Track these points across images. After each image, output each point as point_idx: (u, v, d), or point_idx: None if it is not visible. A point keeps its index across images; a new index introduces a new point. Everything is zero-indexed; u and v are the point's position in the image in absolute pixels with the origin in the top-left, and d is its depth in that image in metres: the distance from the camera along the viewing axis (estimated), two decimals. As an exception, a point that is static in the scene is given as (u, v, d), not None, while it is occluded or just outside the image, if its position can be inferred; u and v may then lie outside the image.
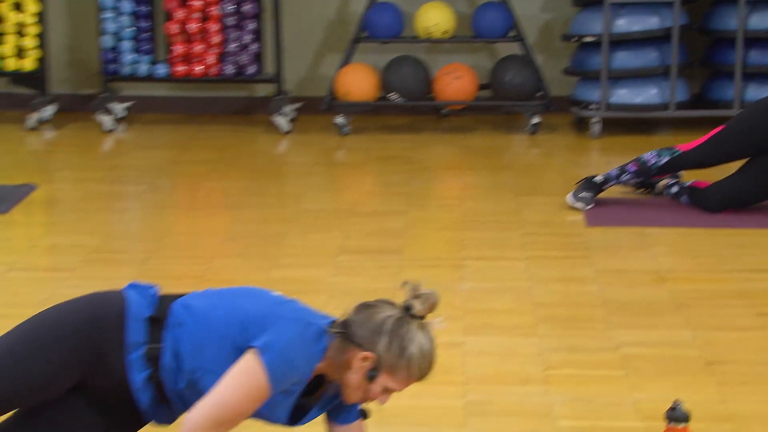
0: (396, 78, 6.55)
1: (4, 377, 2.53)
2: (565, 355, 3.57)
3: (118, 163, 6.10)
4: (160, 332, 2.54)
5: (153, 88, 6.98)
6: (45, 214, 5.15)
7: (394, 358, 2.47)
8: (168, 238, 4.80)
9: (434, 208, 5.33)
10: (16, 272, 4.25)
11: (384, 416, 3.06)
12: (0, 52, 6.52)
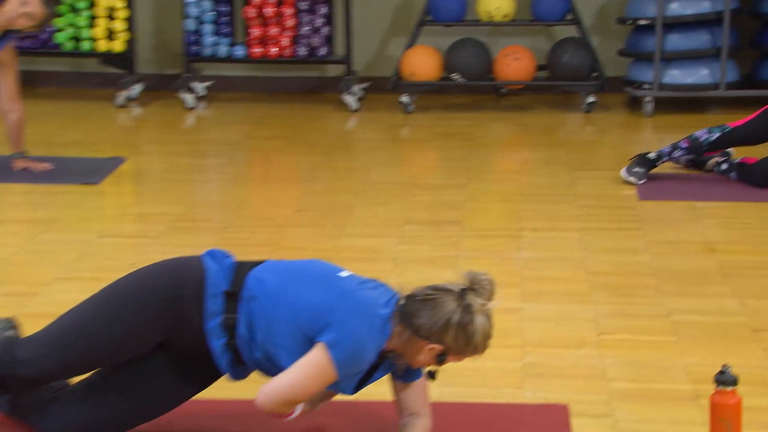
0: (458, 59, 6.52)
1: (95, 339, 2.56)
2: (618, 321, 3.53)
3: (199, 137, 6.14)
4: (236, 304, 2.56)
5: (231, 68, 7.01)
6: (133, 184, 5.20)
7: (462, 346, 2.50)
8: (245, 208, 4.82)
9: (493, 182, 5.30)
10: (106, 239, 4.30)
11: (446, 377, 3.05)
12: (92, 34, 6.58)
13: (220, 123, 6.42)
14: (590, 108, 6.50)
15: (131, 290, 2.60)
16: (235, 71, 7.07)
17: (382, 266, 3.97)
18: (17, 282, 3.78)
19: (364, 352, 2.49)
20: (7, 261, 3.98)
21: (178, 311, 2.56)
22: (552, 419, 2.85)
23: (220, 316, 2.55)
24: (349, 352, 2.47)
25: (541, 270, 3.97)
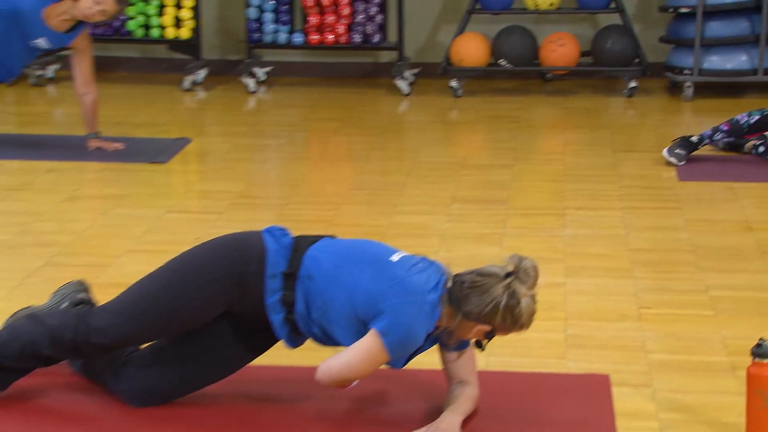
0: (505, 46, 6.47)
1: (163, 310, 2.58)
2: (657, 295, 3.48)
3: (259, 119, 6.15)
4: (293, 282, 2.57)
5: (290, 54, 7.02)
6: (198, 163, 5.22)
7: (509, 326, 2.51)
8: (302, 186, 4.82)
9: (538, 162, 5.25)
10: (173, 214, 4.32)
11: (492, 347, 3.02)
12: (161, 22, 6.61)
13: (279, 106, 6.43)
14: (632, 92, 6.44)
15: (197, 265, 2.61)
16: (294, 57, 7.07)
17: (431, 242, 3.95)
18: (91, 254, 3.81)
19: (415, 337, 2.50)
20: (82, 234, 4.01)
21: (241, 287, 2.58)
22: (593, 388, 2.82)
23: (279, 293, 2.56)
24: (400, 337, 2.48)
25: (584, 246, 3.93)
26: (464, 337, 2.55)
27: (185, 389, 2.66)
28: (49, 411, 2.66)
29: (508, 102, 6.41)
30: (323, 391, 2.67)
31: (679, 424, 2.65)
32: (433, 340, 2.60)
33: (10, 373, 2.66)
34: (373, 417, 2.65)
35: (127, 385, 2.66)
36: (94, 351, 2.62)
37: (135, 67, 7.09)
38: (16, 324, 2.67)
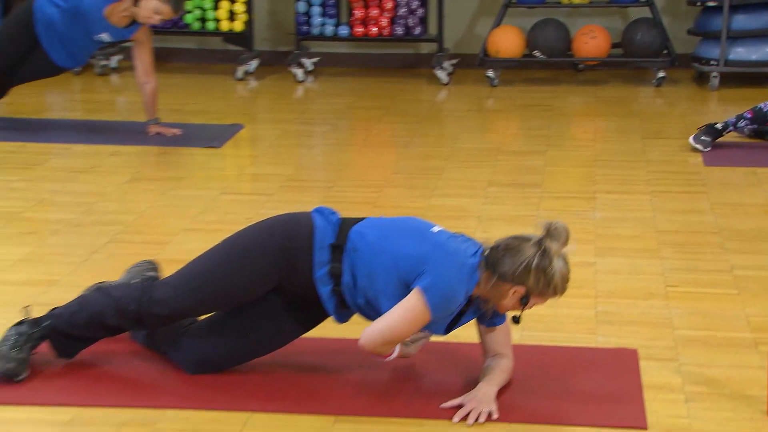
0: (540, 38, 6.42)
1: (219, 284, 2.61)
2: (684, 275, 3.45)
3: (307, 107, 6.16)
4: (341, 255, 2.57)
5: (336, 46, 7.01)
6: (249, 148, 5.24)
7: (543, 288, 2.49)
8: (347, 170, 4.83)
9: (570, 149, 5.21)
10: (227, 195, 4.34)
11: (526, 323, 3.01)
12: (216, 15, 6.63)
13: (325, 94, 6.43)
14: (660, 82, 6.37)
15: (251, 242, 2.63)
16: (340, 48, 7.06)
17: (469, 223, 3.94)
18: (151, 232, 3.84)
19: (456, 296, 2.49)
20: (143, 214, 4.05)
21: (291, 261, 2.58)
22: (622, 362, 2.81)
23: (326, 266, 2.57)
24: (442, 294, 2.47)
25: (614, 228, 3.90)
26: (501, 302, 2.52)
27: (236, 360, 2.68)
28: (112, 377, 2.69)
29: (541, 91, 6.36)
30: (367, 362, 2.68)
31: (704, 397, 2.63)
32: (474, 311, 2.59)
33: (78, 341, 2.70)
34: (413, 387, 2.66)
35: (183, 354, 2.69)
36: (155, 321, 2.64)
37: (192, 58, 7.13)
38: (86, 296, 2.71)
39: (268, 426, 2.47)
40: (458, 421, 2.48)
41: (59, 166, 4.71)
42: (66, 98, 6.20)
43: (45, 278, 3.34)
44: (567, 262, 2.51)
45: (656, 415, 2.54)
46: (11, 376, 2.61)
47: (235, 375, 2.67)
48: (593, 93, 6.35)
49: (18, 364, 2.61)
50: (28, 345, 2.64)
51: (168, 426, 2.46)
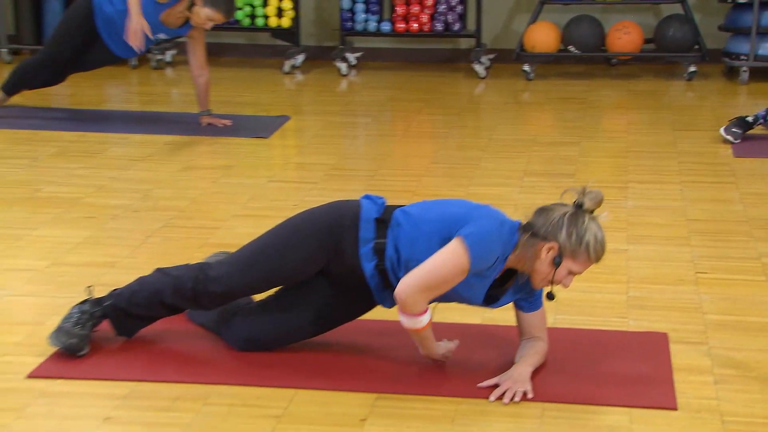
0: (574, 33, 6.36)
1: (270, 262, 2.62)
2: (713, 262, 3.41)
3: (350, 100, 6.16)
4: (385, 230, 2.56)
5: (378, 41, 7.00)
6: (295, 138, 5.25)
7: (575, 245, 2.44)
8: (388, 159, 4.82)
9: (603, 140, 5.16)
10: (274, 183, 4.36)
11: (560, 307, 3.01)
12: (265, 12, 6.65)
13: (368, 87, 6.42)
14: (691, 76, 6.29)
15: (301, 223, 2.65)
16: (382, 43, 7.05)
17: (505, 211, 3.86)
18: (203, 218, 3.87)
19: (495, 247, 2.45)
20: (195, 200, 4.07)
21: (338, 239, 2.58)
22: (653, 345, 2.78)
23: (371, 242, 2.56)
24: (482, 242, 2.43)
25: (645, 217, 3.86)
26: (535, 265, 2.46)
27: (282, 340, 2.69)
28: (167, 354, 2.71)
29: (576, 85, 6.31)
30: (407, 341, 2.68)
31: (733, 379, 2.60)
32: (513, 292, 2.56)
33: (136, 320, 2.72)
34: (451, 367, 2.65)
35: (233, 332, 2.70)
36: (210, 300, 2.65)
37: (242, 53, 7.16)
38: (146, 276, 2.73)
39: (313, 402, 2.47)
40: (494, 399, 2.47)
41: (117, 154, 4.76)
42: (124, 91, 6.25)
43: (104, 260, 3.38)
44: (600, 225, 2.47)
45: (686, 396, 2.51)
46: (73, 351, 2.64)
47: (282, 353, 2.68)
48: (626, 87, 6.28)
49: (80, 340, 2.64)
50: (90, 323, 2.67)
51: (218, 401, 2.48)
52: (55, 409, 2.43)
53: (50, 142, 4.88)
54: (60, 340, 2.63)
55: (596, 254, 2.47)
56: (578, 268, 2.49)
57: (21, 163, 4.52)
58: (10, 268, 3.30)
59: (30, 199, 4.01)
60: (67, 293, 3.06)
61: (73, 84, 6.13)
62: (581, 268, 2.49)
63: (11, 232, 3.63)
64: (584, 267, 2.49)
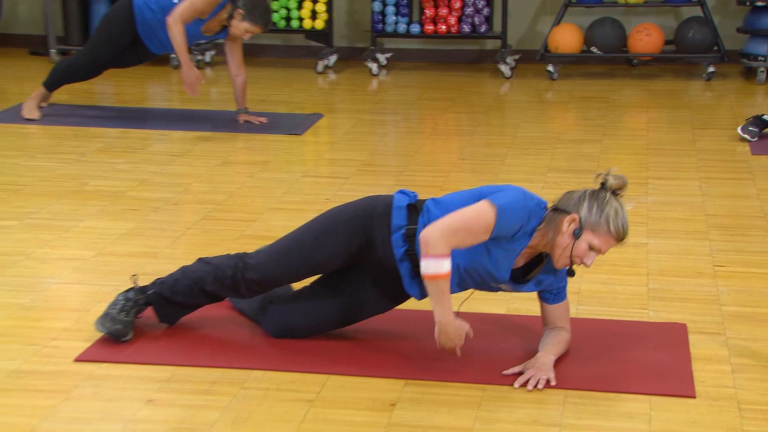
0: (597, 35, 6.31)
1: (305, 250, 2.62)
2: (731, 255, 3.37)
3: (380, 98, 6.15)
4: (416, 217, 2.55)
5: (408, 42, 6.99)
6: (328, 135, 5.26)
7: (596, 218, 2.42)
8: (417, 156, 4.81)
9: (624, 138, 5.12)
10: (307, 178, 4.36)
11: (583, 298, 3.00)
12: (299, 15, 6.66)
13: (397, 87, 6.42)
14: (710, 76, 6.23)
15: (334, 215, 2.65)
16: (411, 45, 7.04)
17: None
18: (240, 211, 3.88)
19: (520, 213, 2.42)
20: (233, 194, 4.09)
21: (370, 226, 2.57)
22: (672, 335, 2.76)
23: (402, 229, 2.55)
24: (509, 205, 2.41)
25: (665, 212, 3.83)
26: (557, 239, 2.42)
27: (313, 329, 2.68)
28: (206, 340, 2.73)
29: (598, 85, 6.26)
30: (433, 331, 2.67)
31: (749, 368, 2.58)
32: (538, 281, 2.54)
33: (178, 308, 2.73)
34: (477, 355, 2.64)
35: (269, 319, 2.71)
36: (248, 287, 2.64)
37: (277, 53, 7.17)
38: (188, 265, 2.74)
39: (344, 387, 2.48)
40: (518, 386, 2.47)
41: (159, 150, 4.78)
42: (165, 89, 6.29)
43: (147, 251, 3.40)
44: (622, 204, 2.43)
45: (704, 384, 2.49)
46: (117, 337, 2.66)
47: (315, 341, 2.69)
48: (646, 86, 6.23)
49: (124, 326, 2.66)
50: (134, 310, 2.69)
51: (254, 385, 2.49)
52: (101, 391, 2.45)
53: (96, 139, 4.92)
54: (105, 326, 2.65)
55: (616, 231, 2.42)
56: (599, 242, 2.43)
57: (69, 158, 4.56)
58: (59, 257, 3.34)
59: (77, 193, 4.04)
60: (111, 281, 3.09)
61: (117, 83, 6.18)
62: (602, 244, 2.43)
63: (60, 223, 3.66)
64: (605, 243, 2.43)
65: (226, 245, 3.41)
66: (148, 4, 4.94)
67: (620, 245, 2.50)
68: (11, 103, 5.56)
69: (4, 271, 3.19)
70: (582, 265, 2.49)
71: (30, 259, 3.31)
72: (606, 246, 2.45)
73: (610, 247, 2.46)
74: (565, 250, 2.44)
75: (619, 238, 2.45)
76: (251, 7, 4.84)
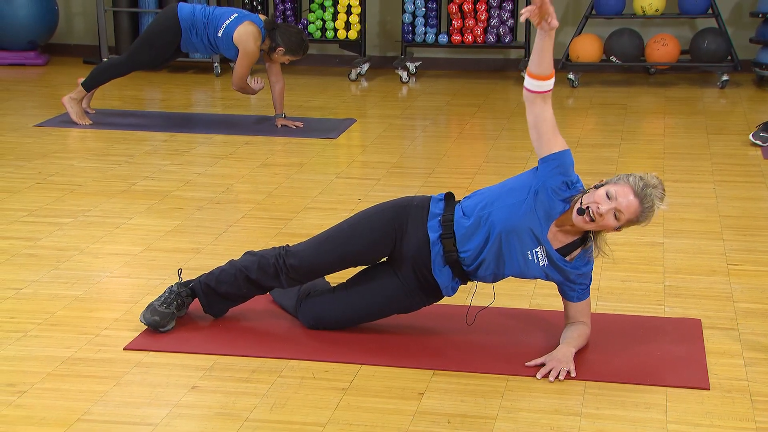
0: (616, 45, 6.25)
1: (342, 237, 2.62)
2: (744, 255, 3.33)
3: (410, 104, 6.14)
4: (452, 207, 2.56)
5: (436, 51, 6.97)
6: (360, 139, 5.26)
7: (616, 178, 2.47)
8: (444, 159, 4.80)
9: (642, 142, 5.07)
10: (340, 179, 4.36)
11: (602, 294, 2.97)
12: (334, 25, 6.66)
13: (426, 93, 6.40)
14: (724, 85, 6.15)
15: (372, 210, 2.67)
16: (439, 54, 7.02)
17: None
18: (278, 210, 3.89)
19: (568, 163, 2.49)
20: (271, 194, 4.10)
21: (405, 216, 2.58)
22: (688, 330, 2.73)
23: (439, 216, 2.55)
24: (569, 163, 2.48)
25: (681, 213, 3.79)
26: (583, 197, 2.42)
27: (345, 322, 2.68)
28: (247, 331, 2.74)
29: (616, 92, 6.21)
30: (461, 325, 2.66)
31: (761, 362, 2.54)
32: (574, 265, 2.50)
33: (224, 299, 2.73)
34: (501, 347, 2.63)
35: (305, 311, 2.71)
36: (288, 274, 2.63)
37: (313, 62, 7.18)
38: (236, 259, 2.75)
39: (376, 377, 2.48)
40: (541, 377, 2.45)
41: (202, 152, 4.81)
42: (208, 96, 6.32)
43: (191, 246, 3.42)
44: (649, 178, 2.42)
45: (718, 377, 2.46)
46: (155, 327, 2.67)
47: (348, 333, 2.69)
48: (663, 94, 6.17)
49: (162, 318, 2.66)
50: (175, 302, 2.70)
51: (291, 374, 2.49)
52: (148, 378, 2.47)
53: (144, 142, 4.96)
54: (145, 316, 2.67)
55: (635, 181, 2.40)
56: (615, 189, 2.41)
57: (119, 160, 4.60)
58: (110, 252, 3.37)
59: (127, 192, 4.08)
60: (158, 275, 3.11)
61: (164, 90, 6.22)
62: (618, 192, 2.40)
63: (111, 220, 3.70)
64: (622, 193, 2.40)
65: (264, 242, 3.42)
66: (195, 25, 4.97)
67: (640, 222, 2.44)
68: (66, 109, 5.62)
69: (60, 264, 3.23)
70: (597, 215, 2.40)
71: (84, 253, 3.34)
72: (623, 198, 2.41)
73: (629, 205, 2.41)
74: (585, 196, 2.44)
75: (638, 192, 2.40)
76: (291, 44, 4.97)
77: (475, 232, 2.51)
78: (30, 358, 2.56)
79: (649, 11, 6.22)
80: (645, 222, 2.45)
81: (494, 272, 2.55)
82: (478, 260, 2.53)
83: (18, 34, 6.80)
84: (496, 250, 2.51)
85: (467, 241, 2.52)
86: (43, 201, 3.90)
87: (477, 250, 2.52)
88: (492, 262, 2.52)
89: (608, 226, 2.44)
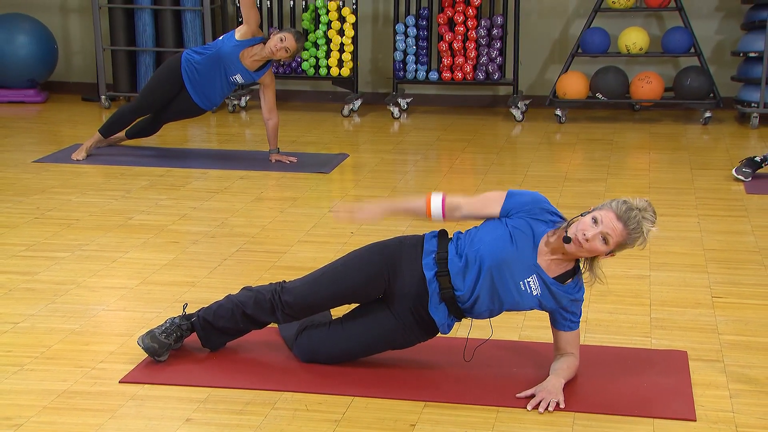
0: (602, 82, 6.32)
1: (336, 273, 2.63)
2: (728, 287, 3.34)
3: (401, 139, 6.17)
4: (446, 244, 2.57)
5: (427, 88, 7.02)
6: (353, 173, 5.27)
7: (601, 204, 2.49)
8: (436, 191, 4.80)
9: (627, 177, 5.10)
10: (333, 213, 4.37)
11: (590, 326, 2.98)
12: (327, 63, 6.71)
13: (417, 129, 6.44)
14: (707, 121, 6.21)
15: (367, 247, 2.66)
16: (430, 90, 7.07)
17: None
18: (272, 243, 3.89)
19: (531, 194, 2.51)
20: (264, 228, 4.10)
21: (399, 254, 2.58)
22: (674, 362, 2.73)
23: (433, 254, 2.55)
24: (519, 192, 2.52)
25: (666, 246, 3.80)
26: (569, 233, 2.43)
27: (338, 358, 2.67)
28: (240, 363, 2.73)
29: (603, 128, 6.26)
30: (453, 358, 2.66)
31: (746, 394, 2.54)
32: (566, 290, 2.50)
33: (221, 333, 2.73)
34: (491, 379, 2.63)
35: (300, 345, 2.70)
36: (283, 309, 2.63)
37: (306, 98, 7.23)
38: (233, 294, 2.75)
39: (368, 409, 2.47)
40: (531, 408, 2.45)
41: (198, 187, 4.82)
42: (204, 131, 6.34)
43: (186, 280, 3.42)
44: (635, 201, 2.43)
45: (704, 408, 2.46)
46: (152, 354, 2.66)
47: (341, 365, 2.68)
48: (648, 129, 6.22)
49: (160, 347, 2.66)
50: (174, 334, 2.69)
51: (284, 405, 2.48)
52: (143, 410, 2.46)
53: (141, 177, 4.97)
54: (144, 341, 2.66)
55: (617, 205, 2.42)
56: (601, 214, 2.43)
57: (116, 195, 4.60)
58: (106, 286, 3.36)
59: (123, 226, 4.08)
60: (154, 308, 3.10)
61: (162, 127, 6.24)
62: (604, 217, 2.42)
63: (107, 254, 3.69)
64: (607, 217, 2.41)
65: (258, 275, 3.41)
66: (191, 62, 5.02)
67: (630, 244, 2.45)
68: (65, 145, 5.63)
69: (57, 298, 3.22)
70: (583, 240, 2.42)
71: (80, 287, 3.33)
72: (608, 222, 2.42)
73: (614, 228, 2.42)
74: (572, 225, 2.46)
75: (620, 215, 2.41)
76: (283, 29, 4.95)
77: (467, 270, 2.52)
78: (26, 392, 2.54)
79: (634, 50, 6.29)
80: (639, 244, 2.46)
81: (489, 308, 2.56)
82: (472, 297, 2.53)
83: (18, 73, 6.84)
84: (489, 285, 2.51)
85: (461, 279, 2.53)
86: (41, 236, 3.89)
87: (471, 287, 2.53)
88: (486, 298, 2.53)
89: (597, 251, 2.45)
